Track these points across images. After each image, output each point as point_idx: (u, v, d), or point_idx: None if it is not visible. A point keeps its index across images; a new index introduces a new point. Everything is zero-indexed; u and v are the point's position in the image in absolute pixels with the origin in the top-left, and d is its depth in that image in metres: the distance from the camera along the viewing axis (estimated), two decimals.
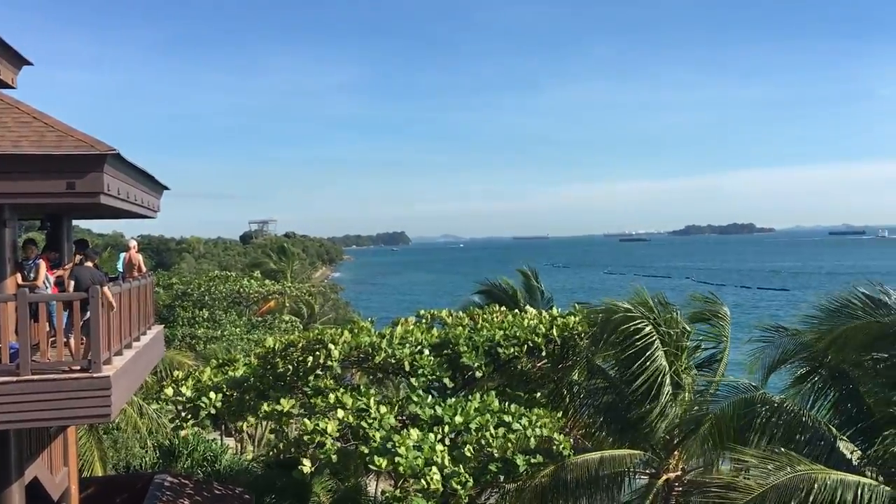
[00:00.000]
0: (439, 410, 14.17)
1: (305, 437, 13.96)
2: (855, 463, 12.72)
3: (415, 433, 13.52)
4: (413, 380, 15.26)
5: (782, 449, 12.46)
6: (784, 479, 11.44)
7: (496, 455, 13.89)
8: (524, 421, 14.20)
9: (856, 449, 12.96)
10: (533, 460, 14.24)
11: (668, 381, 15.39)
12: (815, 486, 11.31)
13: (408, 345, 15.78)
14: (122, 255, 14.51)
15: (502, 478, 14.44)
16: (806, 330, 13.79)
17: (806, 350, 13.76)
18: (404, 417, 14.92)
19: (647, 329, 15.43)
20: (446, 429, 13.85)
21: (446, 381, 15.63)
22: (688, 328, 16.40)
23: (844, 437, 13.11)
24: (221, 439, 27.74)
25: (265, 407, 15.27)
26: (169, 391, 16.38)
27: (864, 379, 13.32)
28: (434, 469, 12.86)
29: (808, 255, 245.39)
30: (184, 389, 16.22)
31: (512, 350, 15.90)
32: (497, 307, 19.04)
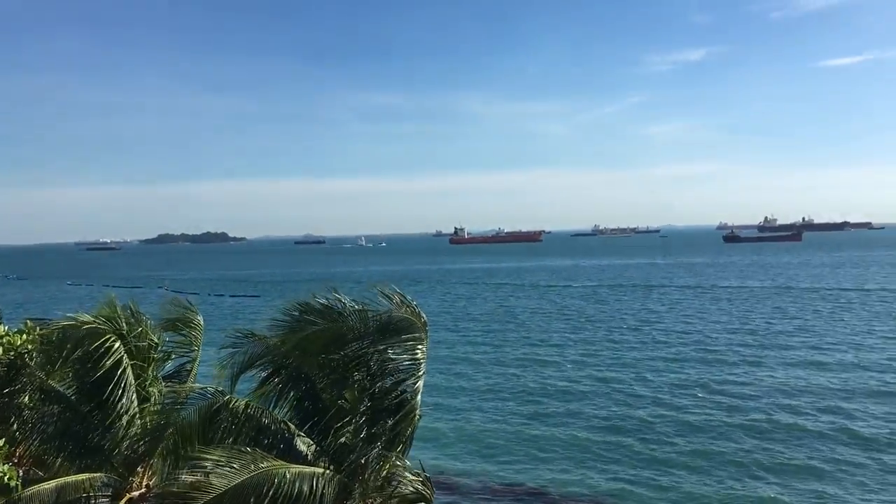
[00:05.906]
0: None
1: None
2: (310, 457, 13.83)
3: None
4: None
5: (247, 448, 12.96)
6: (247, 476, 12.02)
7: None
8: None
9: (311, 443, 14.11)
10: None
11: (134, 395, 14.77)
12: (276, 480, 12.17)
13: None
14: None
15: None
16: (273, 335, 14.49)
17: (271, 354, 14.51)
18: None
19: (112, 343, 14.61)
20: None
21: None
22: (156, 340, 15.93)
23: (302, 433, 14.18)
24: None
25: None
26: None
27: (321, 378, 14.50)
28: None
29: (279, 263, 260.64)
30: None
31: None
32: None
